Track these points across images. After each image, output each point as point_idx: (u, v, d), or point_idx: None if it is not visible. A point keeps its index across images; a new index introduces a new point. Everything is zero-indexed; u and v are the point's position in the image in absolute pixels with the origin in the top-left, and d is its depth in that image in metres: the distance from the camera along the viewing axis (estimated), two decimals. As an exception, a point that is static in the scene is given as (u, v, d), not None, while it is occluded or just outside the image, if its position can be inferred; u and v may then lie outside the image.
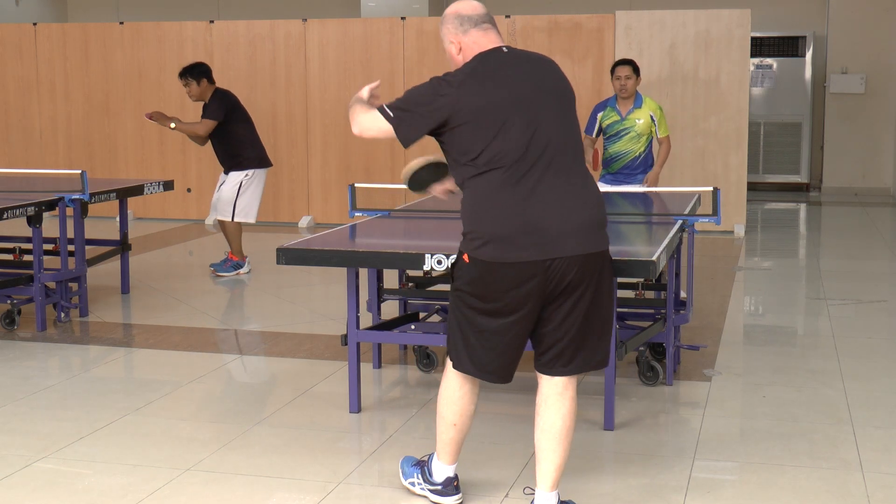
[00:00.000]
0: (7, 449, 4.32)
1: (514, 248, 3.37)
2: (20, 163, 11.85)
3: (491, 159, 3.39)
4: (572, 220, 3.40)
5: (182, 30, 11.69)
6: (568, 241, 3.38)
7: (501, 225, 3.38)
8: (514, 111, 3.41)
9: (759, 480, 4.00)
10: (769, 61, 14.35)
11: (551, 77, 3.59)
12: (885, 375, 5.48)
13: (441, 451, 3.72)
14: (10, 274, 6.77)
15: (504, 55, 3.53)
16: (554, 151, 3.43)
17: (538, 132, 3.42)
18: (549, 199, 3.38)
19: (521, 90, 3.45)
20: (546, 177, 3.40)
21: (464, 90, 3.43)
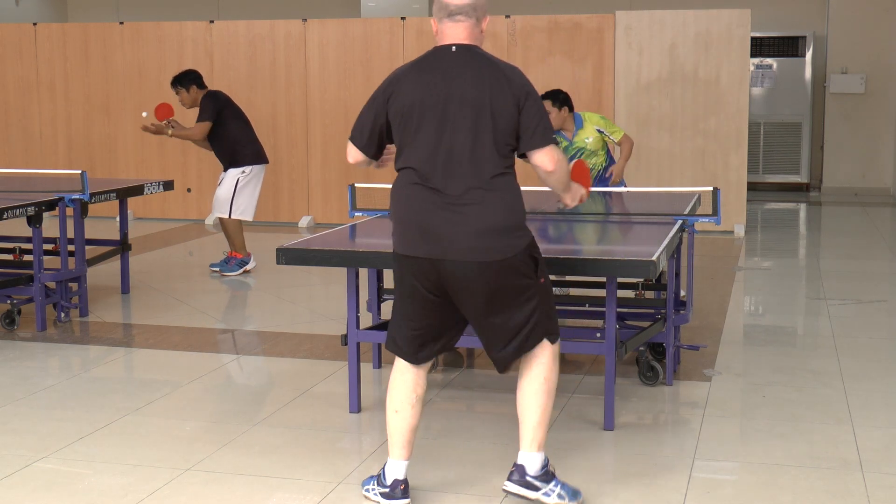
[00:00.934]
0: (7, 449, 4.32)
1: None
2: (20, 163, 11.85)
3: (407, 158, 3.60)
4: (462, 229, 3.53)
5: (182, 30, 11.69)
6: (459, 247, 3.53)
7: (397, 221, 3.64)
8: (427, 111, 3.56)
9: (759, 480, 4.01)
10: (769, 61, 14.35)
11: (487, 86, 3.56)
12: (885, 375, 5.48)
13: (390, 445, 3.73)
14: (10, 274, 6.77)
15: (446, 56, 3.63)
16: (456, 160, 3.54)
17: (445, 138, 3.54)
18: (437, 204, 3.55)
19: (434, 94, 3.56)
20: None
21: (396, 85, 3.61)
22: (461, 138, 3.54)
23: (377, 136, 3.69)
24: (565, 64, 10.92)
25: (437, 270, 3.55)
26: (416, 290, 3.63)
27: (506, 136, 3.56)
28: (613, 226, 5.65)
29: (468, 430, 4.59)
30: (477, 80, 3.57)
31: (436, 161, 3.55)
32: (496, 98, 3.54)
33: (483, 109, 3.54)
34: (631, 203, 6.82)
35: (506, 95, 3.55)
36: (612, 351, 4.49)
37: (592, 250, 5.02)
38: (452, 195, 3.53)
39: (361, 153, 3.73)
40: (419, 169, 3.56)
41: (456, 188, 3.54)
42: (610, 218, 5.85)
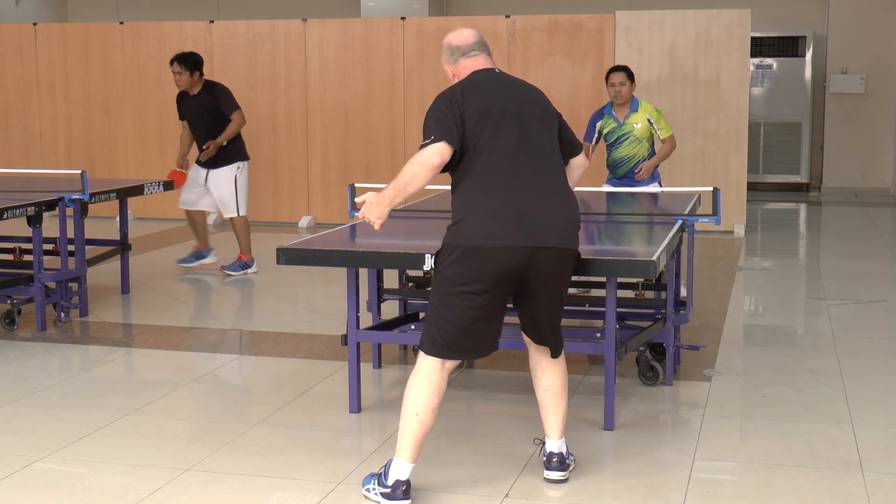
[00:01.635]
0: (7, 449, 4.32)
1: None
2: (20, 163, 11.85)
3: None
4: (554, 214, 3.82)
5: (182, 30, 11.68)
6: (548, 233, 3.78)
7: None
8: (508, 111, 3.79)
9: (759, 480, 4.01)
10: (769, 61, 14.35)
11: (535, 97, 3.93)
12: (885, 375, 5.48)
13: (400, 445, 3.72)
14: (10, 274, 6.77)
15: (495, 74, 3.91)
16: (530, 153, 3.82)
17: (528, 133, 3.81)
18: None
19: (506, 100, 3.81)
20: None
21: (464, 95, 3.78)
22: (541, 134, 3.85)
23: (460, 137, 3.74)
24: (565, 64, 10.92)
25: (532, 259, 3.71)
26: (499, 283, 3.71)
27: (556, 140, 3.96)
28: (613, 226, 5.65)
29: (468, 430, 4.59)
30: (527, 92, 3.92)
31: (523, 151, 3.77)
32: (547, 108, 3.94)
33: (547, 115, 3.91)
34: (631, 203, 6.82)
35: (549, 105, 3.97)
36: (612, 351, 4.49)
37: (592, 250, 5.02)
38: (548, 188, 3.82)
39: (441, 144, 3.69)
40: (506, 159, 3.74)
41: (544, 175, 3.83)
42: (610, 218, 5.84)
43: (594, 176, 8.37)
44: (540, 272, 3.75)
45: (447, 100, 3.76)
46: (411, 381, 3.75)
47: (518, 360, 5.70)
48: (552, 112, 3.95)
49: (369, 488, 3.80)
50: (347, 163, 11.43)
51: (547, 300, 3.86)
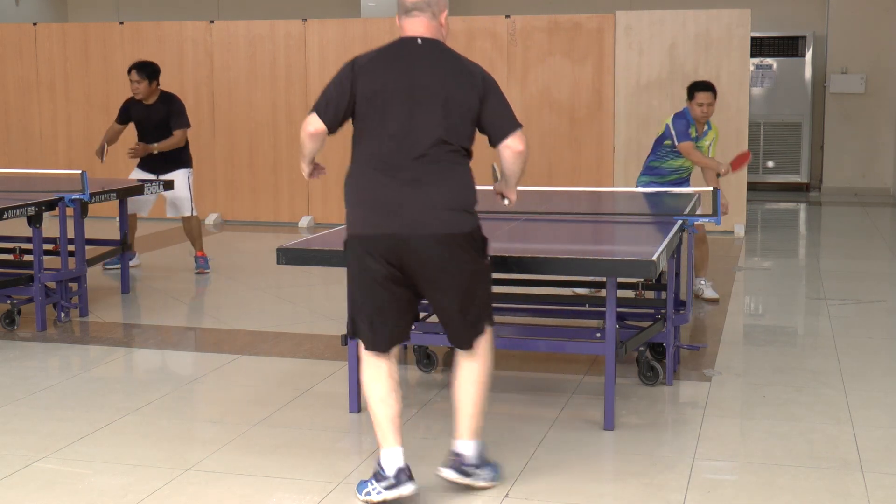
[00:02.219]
0: (7, 449, 4.32)
1: None
2: (20, 163, 11.85)
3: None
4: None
5: (182, 30, 11.68)
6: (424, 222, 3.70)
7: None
8: (396, 97, 3.71)
9: (759, 480, 4.00)
10: (769, 61, 14.34)
11: (445, 79, 3.75)
12: (885, 375, 5.48)
13: (381, 435, 3.79)
14: (10, 274, 6.77)
15: (415, 46, 3.79)
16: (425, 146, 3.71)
17: (412, 123, 3.70)
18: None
19: (404, 80, 3.72)
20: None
21: (364, 69, 3.74)
22: (423, 124, 3.70)
23: (342, 112, 3.77)
24: (565, 64, 10.92)
25: (403, 248, 3.68)
26: (380, 272, 3.72)
27: (465, 124, 3.75)
28: (613, 226, 5.65)
29: (468, 430, 4.58)
30: (440, 72, 3.76)
31: (403, 143, 3.70)
32: (457, 89, 3.73)
33: (445, 98, 3.71)
34: (631, 203, 6.82)
35: (467, 88, 3.75)
36: (612, 351, 4.49)
37: (592, 250, 5.02)
38: (414, 176, 3.69)
39: (323, 124, 3.76)
40: (385, 150, 3.72)
41: (417, 169, 3.69)
42: (610, 218, 5.84)
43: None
44: (420, 261, 3.70)
45: (345, 72, 3.77)
46: (362, 375, 3.86)
47: (518, 361, 5.71)
48: (462, 99, 3.73)
49: (369, 491, 3.74)
50: (347, 163, 11.39)
51: (441, 289, 3.76)
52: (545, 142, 11.06)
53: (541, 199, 6.72)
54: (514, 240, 5.04)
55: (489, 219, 5.59)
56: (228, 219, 11.66)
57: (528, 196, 7.26)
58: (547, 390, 5.20)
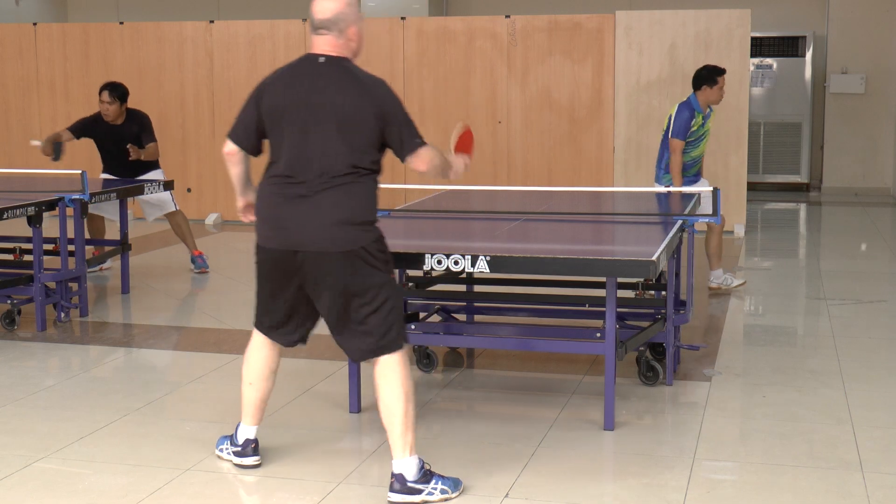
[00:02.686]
0: (7, 449, 4.32)
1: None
2: (20, 163, 11.84)
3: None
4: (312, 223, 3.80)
5: (182, 30, 11.68)
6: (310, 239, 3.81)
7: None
8: (293, 115, 3.82)
9: (759, 480, 4.01)
10: (769, 61, 14.34)
11: (342, 99, 3.83)
12: (885, 375, 5.48)
13: (243, 412, 4.13)
14: (10, 274, 6.77)
15: (316, 65, 3.89)
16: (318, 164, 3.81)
17: (306, 141, 3.81)
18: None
19: (308, 99, 3.83)
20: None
21: (268, 88, 3.90)
22: (317, 142, 3.80)
23: (252, 132, 3.93)
24: (565, 64, 10.92)
25: (294, 262, 3.83)
26: (277, 279, 3.92)
27: (362, 142, 3.82)
28: (613, 226, 5.65)
29: (468, 430, 4.59)
30: (337, 90, 3.84)
31: (297, 161, 3.81)
32: (353, 108, 3.81)
33: (340, 117, 3.80)
34: (631, 203, 6.82)
35: (365, 106, 3.83)
36: (612, 351, 4.49)
37: (592, 250, 5.02)
38: (310, 192, 3.79)
39: (234, 145, 3.96)
40: (283, 168, 3.84)
41: (313, 185, 3.79)
42: (610, 218, 5.84)
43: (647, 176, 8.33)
44: (308, 275, 3.84)
45: (253, 91, 3.94)
46: (246, 355, 4.12)
47: (518, 361, 5.71)
48: (357, 118, 3.81)
49: (222, 448, 4.17)
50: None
51: (326, 302, 3.87)
52: (545, 142, 11.06)
53: (541, 199, 6.73)
54: (514, 240, 5.04)
55: (489, 219, 5.59)
56: (228, 219, 11.66)
57: (528, 196, 7.27)
58: (547, 390, 5.21)
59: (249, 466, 4.09)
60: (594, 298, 5.64)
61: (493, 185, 10.71)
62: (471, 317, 6.06)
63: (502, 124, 11.10)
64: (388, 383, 3.82)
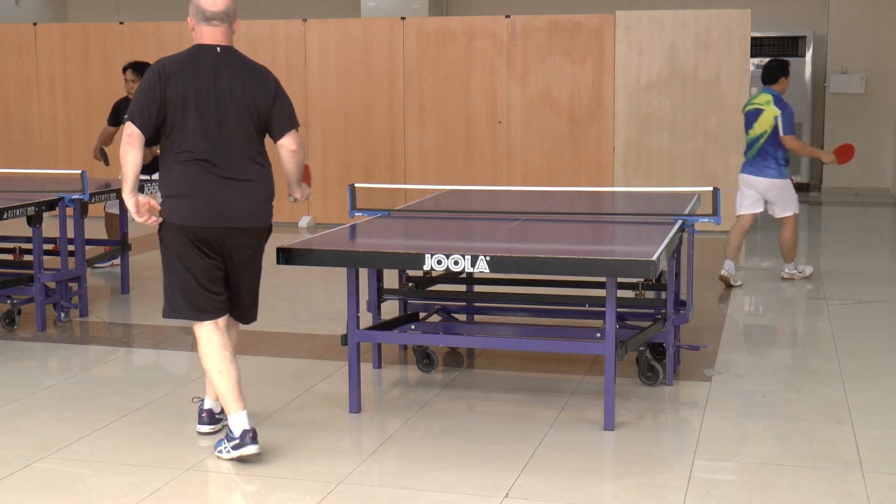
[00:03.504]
0: (7, 449, 4.32)
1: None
2: (20, 163, 11.84)
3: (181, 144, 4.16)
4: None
5: (182, 30, 11.67)
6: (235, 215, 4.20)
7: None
8: (203, 101, 4.12)
9: (759, 480, 4.01)
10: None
11: (239, 85, 4.18)
12: (885, 375, 5.48)
13: (225, 403, 4.18)
14: (10, 274, 6.77)
15: (215, 53, 4.18)
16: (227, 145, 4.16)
17: (219, 124, 4.14)
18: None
19: (209, 86, 4.13)
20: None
21: (172, 76, 4.11)
22: (231, 124, 4.15)
23: (153, 117, 4.11)
24: (565, 64, 10.92)
25: (222, 237, 4.17)
26: (201, 256, 4.18)
27: (263, 123, 4.25)
28: (613, 226, 5.65)
29: (468, 430, 4.59)
30: (238, 76, 4.19)
31: (216, 146, 4.13)
32: (254, 91, 4.20)
33: (245, 100, 4.18)
34: (631, 203, 6.82)
35: (262, 89, 4.23)
36: (612, 351, 4.49)
37: (592, 250, 5.02)
38: (230, 173, 4.17)
39: (139, 130, 4.09)
40: (195, 150, 4.12)
41: (232, 167, 4.17)
42: (610, 218, 5.84)
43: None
44: (232, 249, 4.22)
45: (154, 77, 4.10)
46: (200, 351, 4.24)
47: (518, 361, 5.71)
48: (258, 100, 4.19)
49: (221, 450, 4.18)
50: (347, 163, 11.43)
51: (245, 274, 4.30)
52: (545, 142, 11.06)
53: (541, 199, 6.73)
54: (514, 240, 5.04)
55: (489, 219, 5.59)
56: (228, 219, 11.66)
57: (528, 196, 7.27)
58: (547, 390, 5.21)
59: (251, 454, 4.10)
60: (594, 298, 5.64)
61: (493, 185, 10.71)
62: (471, 317, 6.06)
63: (502, 124, 11.10)
64: (234, 335, 4.38)
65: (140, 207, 4.21)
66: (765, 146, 7.92)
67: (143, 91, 4.10)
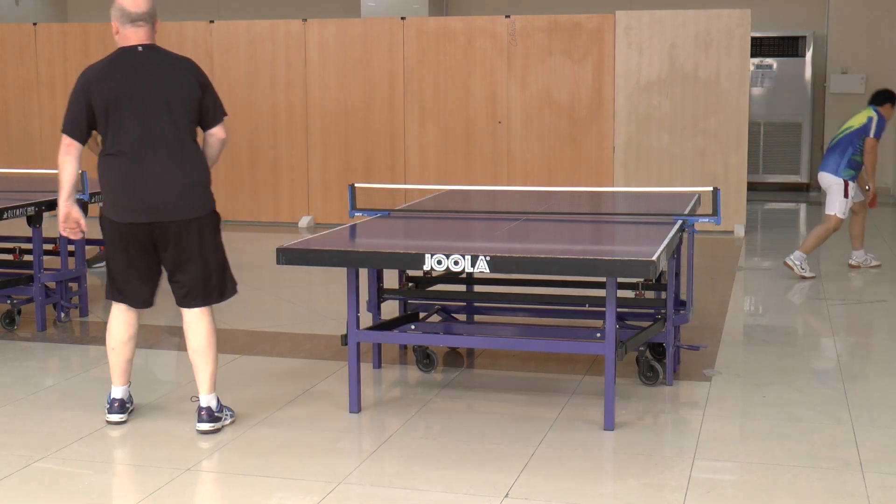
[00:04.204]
0: (7, 449, 4.32)
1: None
2: (20, 163, 11.84)
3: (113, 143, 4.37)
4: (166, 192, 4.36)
5: (182, 30, 11.68)
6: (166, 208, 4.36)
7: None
8: (129, 102, 4.31)
9: (759, 480, 4.01)
10: (769, 61, 14.35)
11: (166, 81, 4.36)
12: (885, 375, 5.48)
13: (112, 375, 4.61)
14: (10, 274, 6.77)
15: (137, 53, 4.36)
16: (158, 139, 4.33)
17: (147, 122, 4.32)
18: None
19: (134, 86, 4.32)
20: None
21: (95, 83, 4.34)
22: (159, 121, 4.31)
23: (85, 124, 4.39)
24: (565, 64, 10.92)
25: (154, 230, 4.35)
26: (132, 247, 4.40)
27: (192, 115, 4.40)
28: (613, 226, 5.65)
29: (468, 430, 4.59)
30: (163, 72, 4.36)
31: (140, 141, 4.30)
32: (181, 86, 4.36)
33: (171, 95, 4.33)
34: (631, 203, 6.82)
35: (189, 82, 4.38)
36: (612, 351, 4.49)
37: (592, 250, 5.02)
38: (157, 169, 4.31)
39: (76, 142, 4.39)
40: (125, 149, 4.32)
41: (159, 163, 4.32)
42: (610, 218, 5.85)
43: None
44: (165, 242, 4.38)
45: (78, 87, 4.39)
46: (108, 324, 4.59)
47: (518, 360, 5.71)
48: (186, 93, 4.35)
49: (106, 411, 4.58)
50: (347, 163, 11.43)
51: (183, 263, 4.42)
52: (545, 142, 11.06)
53: (541, 199, 6.73)
54: (514, 240, 5.04)
55: (489, 219, 5.59)
56: (228, 219, 11.66)
57: (528, 196, 7.27)
58: (547, 390, 5.21)
59: (113, 422, 4.57)
60: (594, 298, 5.64)
61: (493, 185, 10.72)
62: (471, 317, 6.06)
63: (502, 124, 11.10)
64: (206, 329, 4.53)
65: (68, 219, 4.43)
66: (843, 139, 8.27)
67: (71, 102, 4.40)
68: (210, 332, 4.53)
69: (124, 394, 4.66)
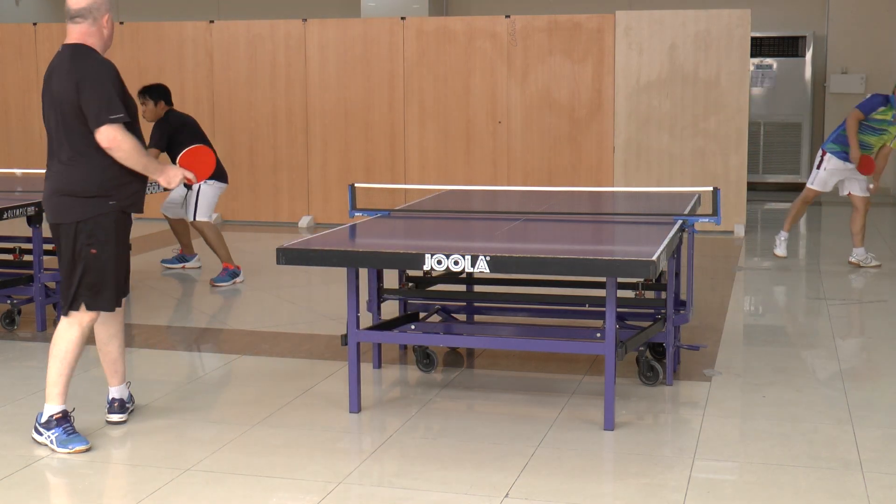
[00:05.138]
0: (7, 449, 4.32)
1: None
2: (20, 163, 11.83)
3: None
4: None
5: (182, 30, 11.69)
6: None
7: None
8: (44, 106, 4.30)
9: (759, 480, 4.01)
10: (769, 61, 14.34)
11: (55, 80, 4.25)
12: (885, 375, 5.48)
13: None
14: (10, 274, 6.76)
15: (59, 52, 4.31)
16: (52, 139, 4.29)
17: (48, 127, 4.31)
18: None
19: (46, 89, 4.29)
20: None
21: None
22: (54, 122, 4.24)
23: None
24: (565, 64, 10.92)
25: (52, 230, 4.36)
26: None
27: (80, 118, 4.17)
28: (613, 226, 5.65)
29: (468, 430, 4.59)
30: (61, 73, 4.21)
31: (47, 144, 4.31)
32: (64, 89, 4.17)
33: (60, 99, 4.18)
34: (631, 203, 6.82)
35: (68, 85, 4.17)
36: (612, 351, 4.49)
37: (592, 250, 5.02)
38: (50, 170, 4.29)
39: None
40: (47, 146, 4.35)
41: (51, 165, 4.29)
42: (610, 218, 5.85)
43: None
44: (55, 240, 4.37)
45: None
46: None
47: (518, 360, 5.71)
48: (65, 95, 4.16)
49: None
50: (347, 163, 11.43)
51: (61, 264, 4.36)
52: (545, 142, 11.06)
53: (541, 199, 6.73)
54: (514, 240, 5.04)
55: (489, 219, 5.59)
56: (228, 219, 11.67)
57: (528, 196, 7.27)
58: (547, 390, 5.21)
59: (115, 423, 4.59)
60: (594, 298, 5.64)
61: (493, 185, 10.72)
62: (471, 317, 6.06)
63: (502, 124, 11.10)
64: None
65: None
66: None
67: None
68: (59, 338, 4.32)
69: (123, 393, 4.65)
